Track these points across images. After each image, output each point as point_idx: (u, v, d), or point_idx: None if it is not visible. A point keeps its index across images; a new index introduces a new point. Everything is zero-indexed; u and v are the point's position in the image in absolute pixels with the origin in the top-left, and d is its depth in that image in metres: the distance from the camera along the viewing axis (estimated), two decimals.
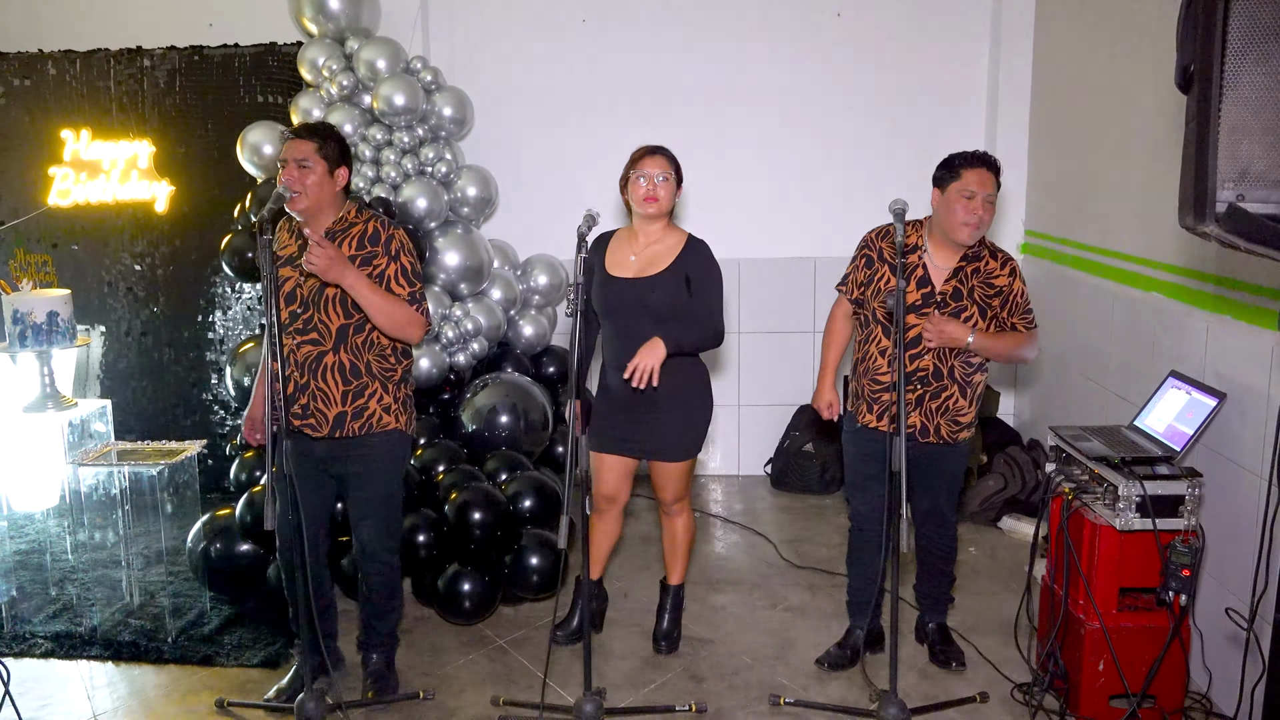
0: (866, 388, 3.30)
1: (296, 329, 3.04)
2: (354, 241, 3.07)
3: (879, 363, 3.25)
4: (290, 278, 3.06)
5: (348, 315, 3.04)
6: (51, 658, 3.68)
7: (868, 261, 3.28)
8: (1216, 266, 3.30)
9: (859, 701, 3.26)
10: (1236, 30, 1.71)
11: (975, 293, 3.18)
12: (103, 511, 4.41)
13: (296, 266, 3.04)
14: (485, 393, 4.41)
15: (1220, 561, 3.15)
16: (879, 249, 3.26)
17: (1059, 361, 4.72)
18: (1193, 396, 3.16)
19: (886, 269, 3.20)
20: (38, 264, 4.50)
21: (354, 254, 3.04)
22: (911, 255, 3.22)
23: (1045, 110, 4.97)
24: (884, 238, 3.26)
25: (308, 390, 3.07)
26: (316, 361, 3.05)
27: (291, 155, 2.98)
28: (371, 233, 3.07)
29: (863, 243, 3.33)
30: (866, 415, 3.30)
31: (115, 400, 4.97)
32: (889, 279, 3.18)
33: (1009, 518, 4.68)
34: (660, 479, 3.47)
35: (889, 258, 3.20)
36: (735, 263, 5.45)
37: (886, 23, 5.25)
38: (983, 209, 3.10)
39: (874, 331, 3.28)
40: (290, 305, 3.05)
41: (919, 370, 3.18)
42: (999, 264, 3.23)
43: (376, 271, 3.03)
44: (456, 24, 5.34)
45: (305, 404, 3.08)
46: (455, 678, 3.48)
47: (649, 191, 3.24)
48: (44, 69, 5.22)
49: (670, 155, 3.30)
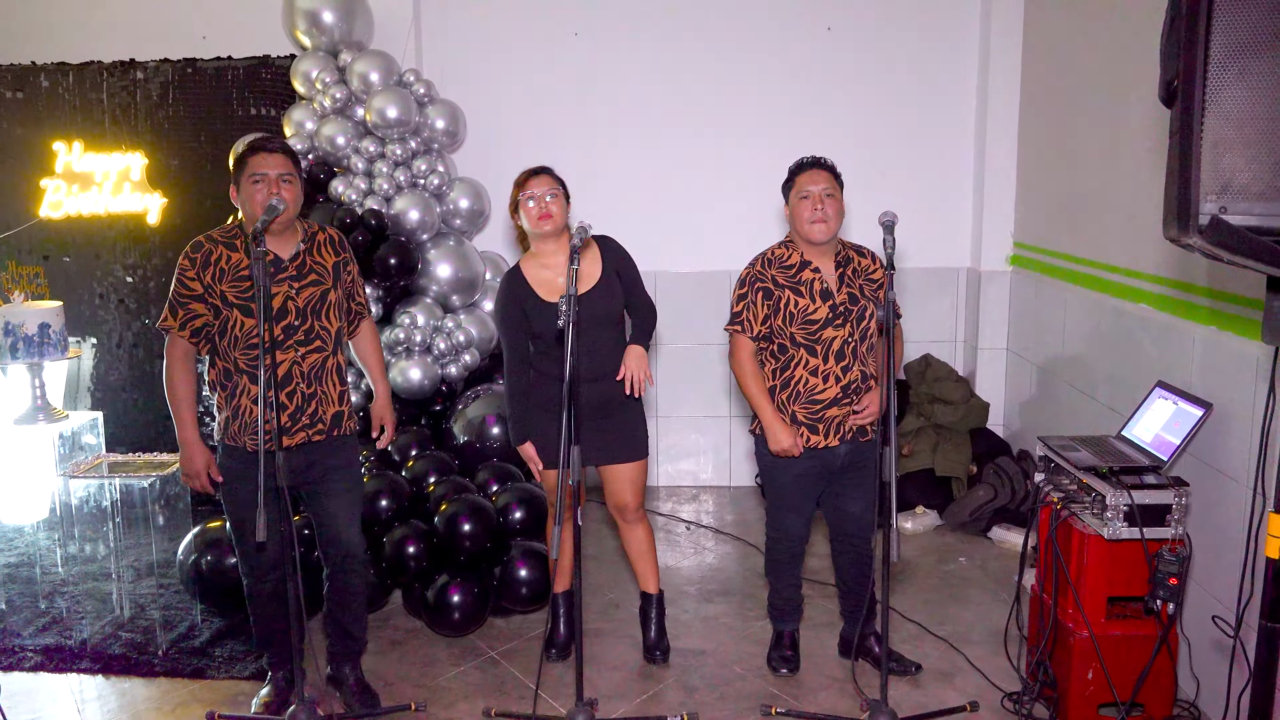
0: (800, 412, 3.28)
1: (299, 340, 3.05)
2: (329, 248, 3.17)
3: (812, 383, 3.26)
4: (276, 293, 3.00)
5: (340, 319, 3.16)
6: (41, 671, 3.67)
7: (765, 294, 3.28)
8: (1203, 278, 3.33)
9: (850, 711, 3.27)
10: (1218, 46, 1.73)
11: (865, 290, 3.29)
12: (93, 524, 4.40)
13: (281, 282, 3.02)
14: (477, 404, 4.42)
15: (1207, 570, 3.18)
16: (770, 276, 3.29)
17: (1048, 372, 4.75)
18: (1179, 406, 3.19)
19: (788, 292, 3.25)
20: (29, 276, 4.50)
21: (337, 259, 3.17)
22: (805, 272, 3.27)
23: (1034, 123, 5.01)
24: (773, 265, 3.30)
25: (314, 399, 3.09)
26: (321, 367, 3.09)
27: (274, 169, 2.97)
28: (338, 239, 3.22)
29: (750, 278, 3.32)
30: (813, 436, 3.28)
31: (106, 412, 4.96)
32: (794, 299, 3.24)
33: (999, 528, 4.70)
34: (622, 483, 3.48)
35: (782, 281, 3.26)
36: (726, 275, 5.47)
37: (876, 37, 5.29)
38: (824, 204, 3.19)
39: (796, 355, 3.27)
40: (283, 320, 3.03)
41: (851, 381, 3.27)
42: (870, 259, 3.35)
43: (349, 277, 3.22)
44: (449, 37, 5.36)
45: (313, 411, 3.10)
46: (447, 689, 3.48)
47: (542, 210, 3.30)
48: (37, 81, 5.23)
49: (553, 173, 3.40)
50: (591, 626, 3.88)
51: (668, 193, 5.42)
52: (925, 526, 4.85)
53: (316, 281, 3.09)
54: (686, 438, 5.66)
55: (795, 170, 3.31)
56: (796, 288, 3.25)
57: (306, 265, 3.08)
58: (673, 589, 4.25)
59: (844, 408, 3.26)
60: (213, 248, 3.03)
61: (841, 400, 3.26)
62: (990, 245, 5.29)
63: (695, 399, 5.59)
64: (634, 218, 5.33)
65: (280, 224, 2.99)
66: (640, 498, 3.53)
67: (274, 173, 2.96)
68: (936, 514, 4.92)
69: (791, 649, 3.59)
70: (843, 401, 3.26)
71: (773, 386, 3.33)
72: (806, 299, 3.24)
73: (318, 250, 3.13)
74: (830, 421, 3.27)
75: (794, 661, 3.58)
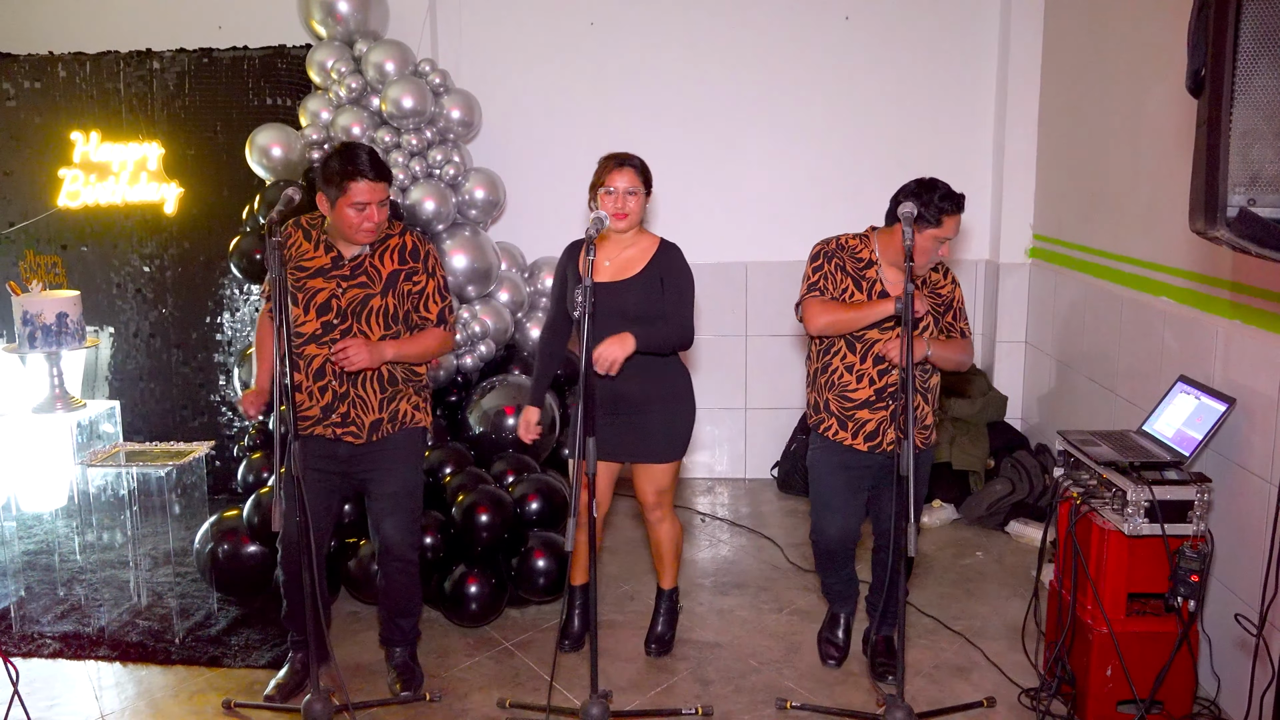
0: (834, 403, 3.28)
1: (334, 339, 3.08)
2: (395, 255, 3.16)
3: (846, 379, 3.24)
4: (324, 288, 3.09)
5: (387, 326, 3.14)
6: (59, 658, 3.70)
7: (841, 268, 3.25)
8: (1227, 271, 3.29)
9: (866, 705, 3.25)
10: (1248, 35, 1.70)
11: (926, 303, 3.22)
12: (111, 512, 4.42)
13: (331, 278, 3.09)
14: (492, 395, 4.41)
15: (1229, 567, 3.14)
16: (842, 258, 3.25)
17: (1067, 366, 4.71)
18: (1202, 401, 3.15)
19: (850, 281, 3.23)
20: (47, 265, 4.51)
21: (398, 268, 3.14)
22: (869, 270, 3.24)
23: (1054, 113, 4.96)
24: (845, 250, 3.26)
25: (347, 399, 3.12)
26: (356, 371, 3.08)
27: (374, 199, 3.01)
28: (411, 248, 3.19)
29: (826, 253, 3.27)
30: (840, 432, 3.28)
31: (123, 401, 4.98)
32: (853, 290, 3.22)
33: (1016, 522, 4.67)
34: (645, 482, 3.47)
35: (849, 269, 3.24)
36: (743, 266, 5.45)
37: (895, 26, 5.25)
38: (938, 250, 3.10)
39: (836, 347, 3.25)
40: (324, 316, 3.09)
41: (888, 386, 3.20)
42: (941, 274, 3.29)
43: (417, 288, 3.17)
44: (465, 27, 5.35)
45: (345, 412, 3.13)
46: (462, 680, 3.48)
47: (618, 208, 3.25)
48: (54, 71, 5.24)
49: (639, 165, 3.30)
50: (606, 618, 3.88)
51: (683, 183, 5.40)
52: (942, 520, 4.82)
53: (364, 285, 3.11)
54: (702, 430, 5.63)
55: (939, 211, 3.02)
56: (859, 280, 3.23)
57: (362, 267, 3.12)
58: (688, 581, 4.24)
59: (876, 412, 3.22)
60: (293, 231, 3.17)
61: (874, 403, 3.22)
62: (1009, 237, 5.25)
63: (711, 391, 5.56)
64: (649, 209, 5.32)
65: (368, 242, 3.09)
66: (660, 498, 3.49)
67: (374, 201, 3.01)
68: (953, 508, 4.90)
69: (844, 632, 3.59)
70: (875, 405, 3.22)
71: (815, 369, 3.33)
72: (863, 295, 3.22)
73: (382, 255, 3.15)
74: (861, 424, 3.25)
75: (842, 650, 3.56)
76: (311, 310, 3.09)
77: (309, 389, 3.11)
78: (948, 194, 3.04)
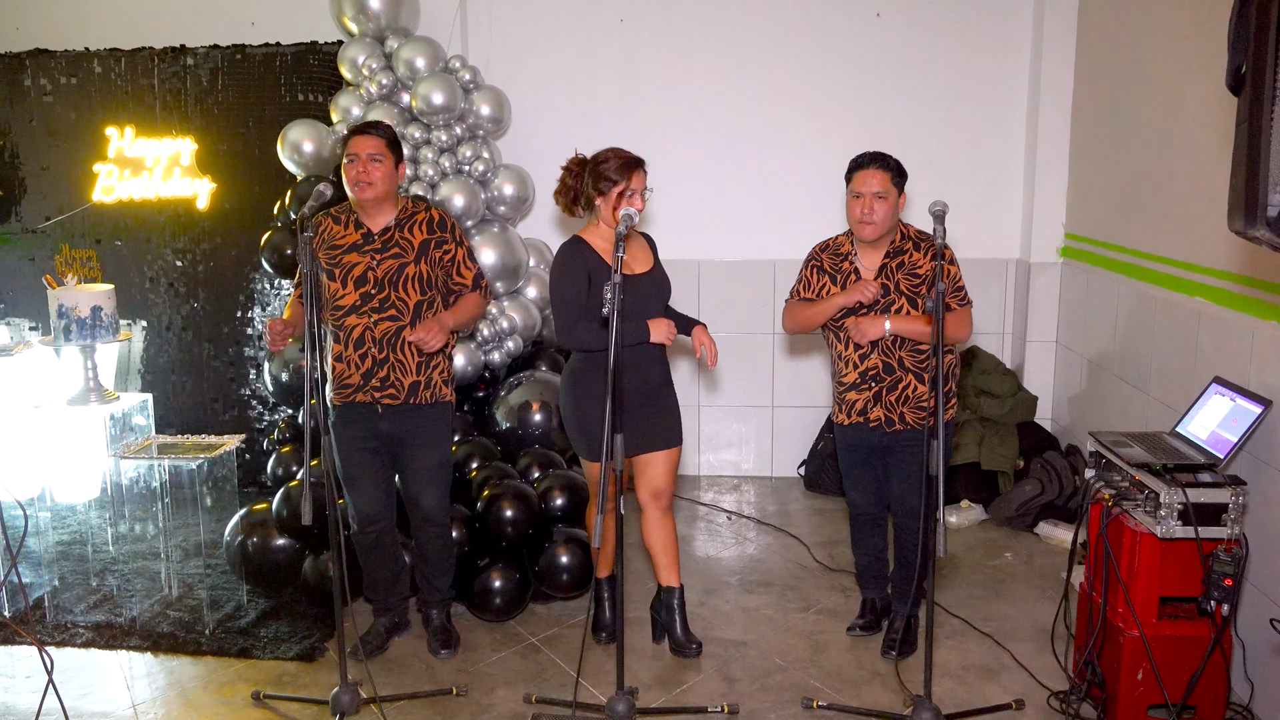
0: (836, 390, 3.54)
1: (373, 308, 3.31)
2: (423, 226, 3.38)
3: (839, 366, 3.49)
4: (359, 262, 3.30)
5: (423, 291, 3.35)
6: (92, 647, 3.75)
7: (818, 272, 3.50)
8: (1265, 271, 3.24)
9: (892, 706, 3.24)
10: None
11: (901, 285, 3.35)
12: (143, 504, 4.47)
13: (365, 253, 3.31)
14: (519, 390, 4.43)
15: (1264, 571, 3.10)
16: (823, 260, 3.49)
17: (1098, 366, 4.66)
18: (1237, 403, 3.11)
19: (827, 278, 3.45)
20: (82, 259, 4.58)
21: (428, 237, 3.37)
22: (846, 263, 3.44)
23: (1087, 111, 4.90)
24: (828, 250, 3.49)
25: (386, 364, 3.34)
26: (395, 335, 3.33)
27: (364, 150, 3.23)
28: (438, 220, 3.42)
29: (809, 257, 3.54)
30: (840, 414, 3.53)
31: (156, 394, 5.03)
32: (830, 286, 3.44)
33: (1046, 523, 4.63)
34: (659, 468, 3.50)
35: (828, 267, 3.46)
36: (771, 264, 5.43)
37: (926, 24, 5.21)
38: (874, 207, 3.27)
39: (831, 338, 3.50)
40: (362, 288, 3.31)
41: (870, 369, 3.39)
42: (923, 253, 3.38)
43: (448, 256, 3.40)
44: (495, 23, 5.36)
45: (384, 376, 3.33)
46: (488, 675, 3.50)
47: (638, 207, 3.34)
48: (90, 67, 5.30)
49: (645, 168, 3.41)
50: (632, 615, 3.88)
51: (712, 181, 5.39)
52: (971, 521, 4.79)
53: (398, 255, 3.32)
54: (728, 427, 5.63)
55: (854, 166, 3.36)
56: (835, 275, 3.44)
57: (393, 240, 3.33)
58: (714, 580, 4.24)
59: (861, 393, 3.41)
60: (323, 219, 3.40)
61: (859, 385, 3.41)
62: (1040, 236, 5.20)
63: (737, 388, 5.56)
64: (678, 206, 5.31)
65: (369, 199, 3.26)
66: (671, 484, 3.55)
67: (364, 152, 3.24)
68: (982, 508, 4.86)
69: (871, 613, 3.75)
70: (860, 387, 3.41)
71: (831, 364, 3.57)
72: (838, 288, 3.41)
73: (410, 228, 3.36)
74: (851, 404, 3.46)
75: (869, 622, 3.73)
76: (349, 283, 3.30)
77: (349, 358, 3.33)
78: (865, 152, 3.33)
